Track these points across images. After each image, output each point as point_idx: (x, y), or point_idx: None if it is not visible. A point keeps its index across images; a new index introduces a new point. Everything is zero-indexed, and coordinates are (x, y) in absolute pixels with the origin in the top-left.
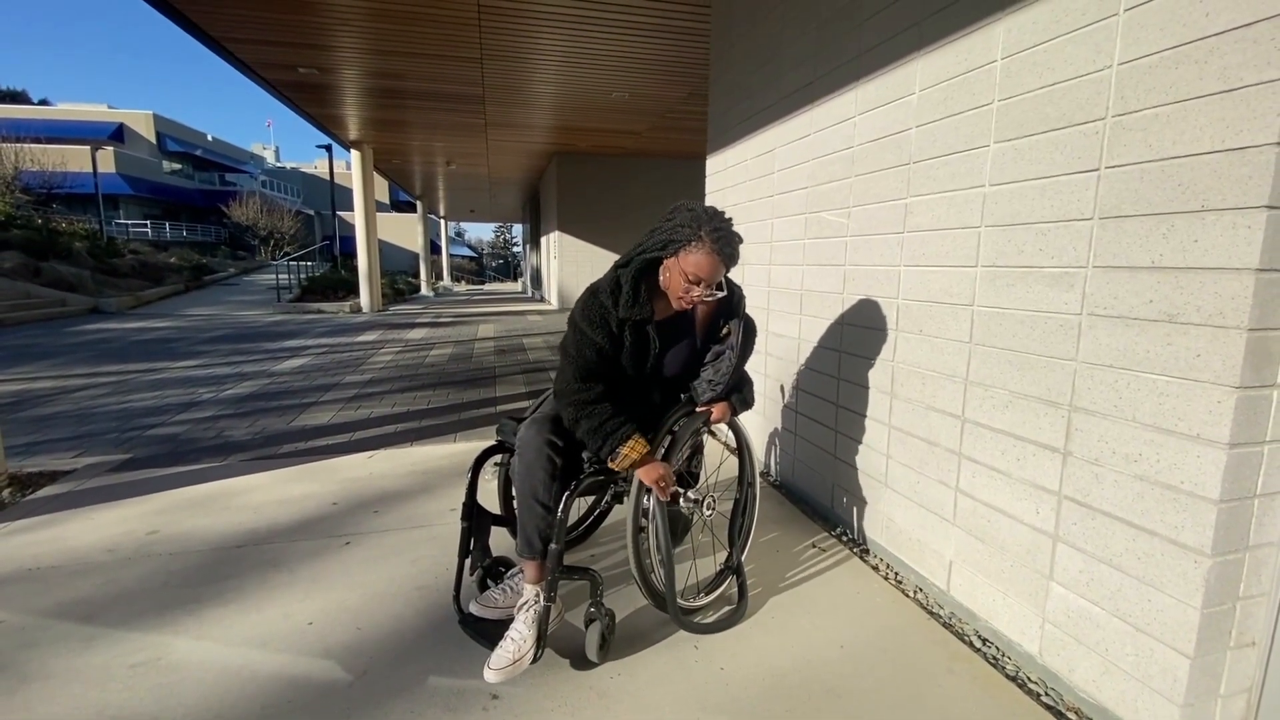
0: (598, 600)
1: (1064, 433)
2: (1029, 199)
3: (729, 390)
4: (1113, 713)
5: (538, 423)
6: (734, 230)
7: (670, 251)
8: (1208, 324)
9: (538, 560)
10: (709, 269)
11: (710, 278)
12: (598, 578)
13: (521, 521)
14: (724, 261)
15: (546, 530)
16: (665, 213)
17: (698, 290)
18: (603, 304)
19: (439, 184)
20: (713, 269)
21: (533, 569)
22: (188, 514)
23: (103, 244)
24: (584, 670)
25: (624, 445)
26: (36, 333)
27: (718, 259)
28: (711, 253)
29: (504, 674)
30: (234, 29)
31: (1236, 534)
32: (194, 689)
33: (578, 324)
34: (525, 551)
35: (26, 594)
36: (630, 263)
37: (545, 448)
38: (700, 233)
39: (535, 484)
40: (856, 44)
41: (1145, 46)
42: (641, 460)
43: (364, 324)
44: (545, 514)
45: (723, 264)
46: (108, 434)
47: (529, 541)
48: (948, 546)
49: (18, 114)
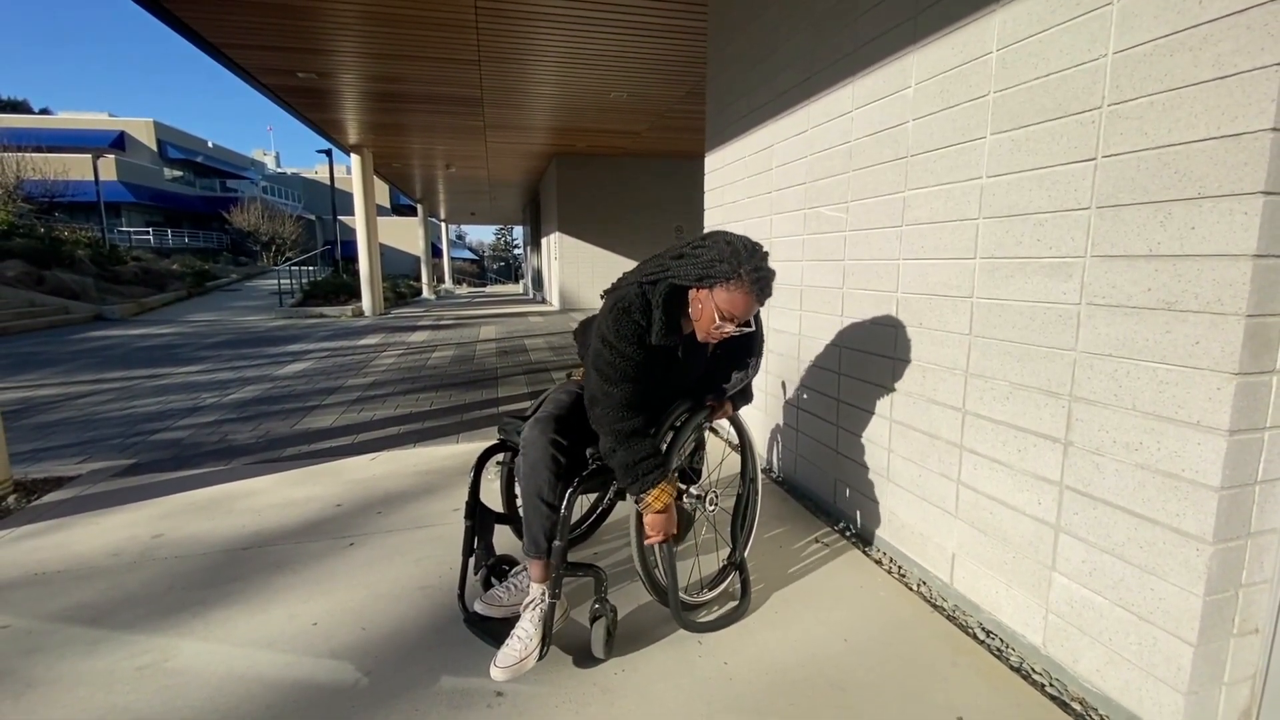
0: (602, 596)
1: (1065, 423)
2: (1026, 190)
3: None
4: (1117, 702)
5: (541, 422)
6: (770, 268)
7: (705, 285)
8: (1206, 311)
9: (543, 559)
10: (744, 308)
11: (744, 316)
12: (602, 574)
13: (527, 521)
14: (759, 301)
15: (551, 529)
16: (697, 237)
17: (730, 327)
18: (637, 322)
19: (439, 187)
20: (748, 308)
21: (538, 567)
22: (192, 518)
23: (105, 251)
24: (588, 667)
25: (651, 492)
26: (40, 340)
27: (754, 300)
28: (749, 294)
29: (510, 672)
30: (233, 35)
31: (1238, 521)
32: (200, 690)
33: (614, 344)
34: (531, 550)
35: (33, 598)
36: (658, 283)
37: (550, 447)
38: (740, 271)
39: (540, 483)
40: (852, 39)
41: (1139, 35)
42: (664, 508)
43: (366, 328)
44: (550, 512)
45: (758, 304)
46: (112, 439)
47: (534, 540)
48: (950, 539)
49: (19, 123)
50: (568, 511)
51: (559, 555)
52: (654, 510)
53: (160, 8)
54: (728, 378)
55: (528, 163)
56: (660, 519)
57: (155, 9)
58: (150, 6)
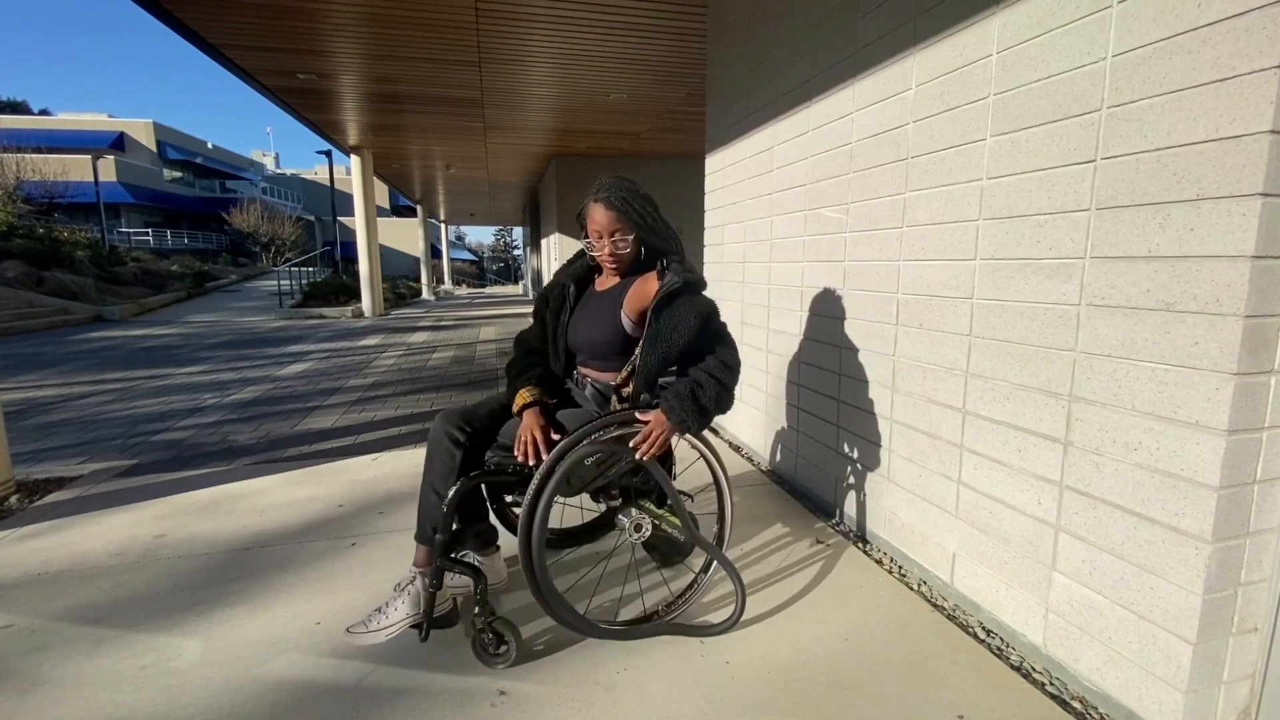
0: (482, 600)
1: (1064, 423)
2: (1026, 191)
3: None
4: (1117, 701)
5: (446, 415)
6: (613, 179)
7: (581, 221)
8: (1205, 312)
9: (427, 546)
10: (595, 216)
11: (600, 225)
12: (482, 577)
13: (420, 506)
14: (605, 203)
15: (437, 519)
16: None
17: (604, 244)
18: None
19: (439, 188)
20: (598, 216)
21: (422, 554)
22: (194, 518)
23: (105, 252)
24: (589, 666)
25: (517, 393)
26: (40, 341)
27: (600, 205)
28: (594, 200)
29: (356, 634)
30: (233, 35)
31: (1237, 520)
32: (203, 689)
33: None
34: (419, 536)
35: (36, 598)
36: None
37: (446, 439)
38: (590, 193)
39: (433, 473)
40: (853, 40)
41: (1139, 38)
42: (524, 406)
43: (366, 328)
44: (438, 503)
45: (605, 205)
46: (113, 440)
47: (422, 526)
48: (950, 539)
49: (19, 124)
50: (448, 508)
51: (438, 547)
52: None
53: (160, 8)
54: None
55: (527, 164)
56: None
57: (155, 9)
58: (150, 7)
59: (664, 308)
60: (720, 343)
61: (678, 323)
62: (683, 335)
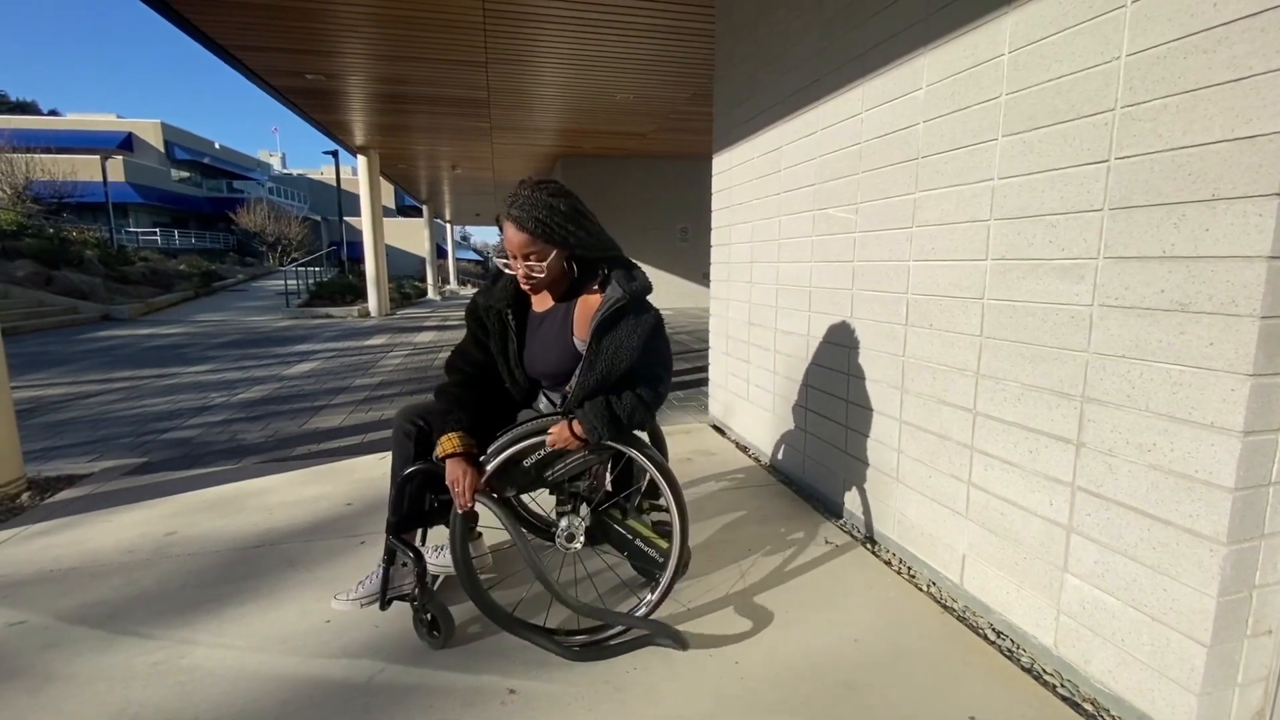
0: (422, 584)
1: (1077, 424)
2: (1038, 191)
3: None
4: (1129, 703)
5: (404, 410)
6: (537, 186)
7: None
8: (1220, 312)
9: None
10: (508, 237)
11: (511, 244)
12: (421, 562)
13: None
14: (517, 224)
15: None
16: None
17: (518, 265)
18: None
19: (444, 188)
20: (509, 235)
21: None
22: (204, 516)
23: (113, 252)
24: (599, 665)
25: (444, 438)
26: (49, 340)
27: (509, 222)
28: (504, 217)
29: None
30: (242, 37)
31: (1252, 522)
32: (215, 686)
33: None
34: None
35: (48, 595)
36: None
37: (400, 432)
38: (504, 203)
39: (394, 462)
40: (862, 40)
41: (1153, 37)
42: (446, 455)
43: (372, 328)
44: (396, 487)
45: (516, 226)
46: (123, 438)
47: (389, 508)
48: (961, 540)
49: (28, 125)
50: (396, 493)
51: (390, 529)
52: (444, 455)
53: (171, 10)
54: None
55: (534, 163)
56: (449, 467)
57: (166, 11)
58: (161, 9)
59: (606, 331)
60: (657, 363)
61: (619, 346)
62: (624, 359)
